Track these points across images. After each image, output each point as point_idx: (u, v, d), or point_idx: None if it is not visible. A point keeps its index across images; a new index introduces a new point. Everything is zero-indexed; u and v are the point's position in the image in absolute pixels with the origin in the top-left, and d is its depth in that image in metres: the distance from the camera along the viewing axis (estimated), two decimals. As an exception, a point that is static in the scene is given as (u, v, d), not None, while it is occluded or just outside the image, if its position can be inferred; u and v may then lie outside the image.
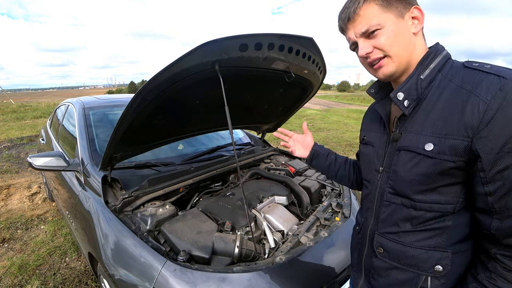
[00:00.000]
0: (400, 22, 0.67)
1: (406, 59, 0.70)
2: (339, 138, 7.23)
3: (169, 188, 1.57)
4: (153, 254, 1.11)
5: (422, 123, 0.67)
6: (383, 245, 0.78)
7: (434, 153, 0.63)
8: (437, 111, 0.65)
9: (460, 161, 0.61)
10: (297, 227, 1.47)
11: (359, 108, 17.62)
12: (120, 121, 1.19)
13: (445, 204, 0.66)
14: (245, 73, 1.30)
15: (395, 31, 0.67)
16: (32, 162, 1.67)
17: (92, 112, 2.15)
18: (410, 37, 0.69)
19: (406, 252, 0.73)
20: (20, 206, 3.34)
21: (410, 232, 0.72)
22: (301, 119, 11.04)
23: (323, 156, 1.11)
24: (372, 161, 0.82)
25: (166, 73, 1.04)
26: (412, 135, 0.69)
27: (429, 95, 0.68)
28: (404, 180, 0.70)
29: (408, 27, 0.68)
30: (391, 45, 0.68)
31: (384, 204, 0.77)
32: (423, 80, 0.68)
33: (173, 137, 1.72)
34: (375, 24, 0.68)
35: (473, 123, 0.58)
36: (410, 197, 0.70)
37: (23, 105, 17.21)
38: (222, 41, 1.00)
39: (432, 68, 0.68)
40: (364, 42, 0.71)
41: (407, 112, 0.70)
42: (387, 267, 0.77)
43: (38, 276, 2.13)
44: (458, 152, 0.60)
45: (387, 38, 0.68)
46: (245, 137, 2.71)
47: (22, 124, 10.06)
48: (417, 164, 0.67)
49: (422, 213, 0.69)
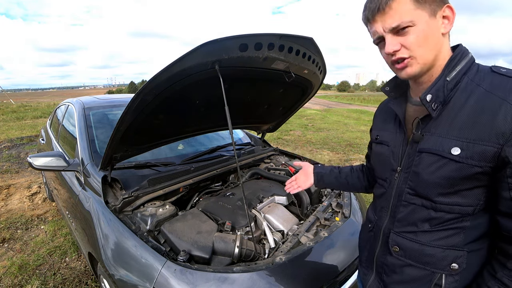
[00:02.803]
0: (432, 21, 0.64)
1: (432, 60, 0.67)
2: (339, 138, 7.23)
3: (169, 188, 1.57)
4: (153, 254, 1.11)
5: (448, 126, 0.66)
6: (399, 244, 0.78)
7: (462, 158, 0.63)
8: (464, 115, 0.64)
9: (487, 166, 0.61)
10: (297, 227, 1.46)
11: (359, 108, 17.62)
12: (120, 121, 1.19)
13: (466, 206, 0.67)
14: (245, 73, 1.30)
15: (426, 30, 0.64)
16: (32, 162, 1.67)
17: (92, 112, 2.15)
18: (439, 38, 0.66)
19: (423, 250, 0.73)
20: (20, 206, 3.34)
21: (428, 232, 0.72)
22: (301, 119, 11.04)
23: (326, 175, 1.13)
24: (388, 160, 0.81)
25: (166, 73, 1.04)
26: (436, 138, 0.68)
27: (455, 98, 0.66)
28: (426, 182, 0.70)
29: (439, 27, 0.65)
30: (420, 46, 0.65)
31: (402, 204, 0.77)
32: (449, 82, 0.67)
33: (173, 137, 1.72)
34: (407, 21, 0.64)
35: (506, 130, 0.58)
36: (432, 199, 0.70)
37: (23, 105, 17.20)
38: (222, 41, 1.00)
39: (458, 71, 0.67)
40: (392, 38, 0.67)
41: (435, 115, 0.68)
42: (402, 265, 0.78)
43: (38, 276, 2.13)
44: (487, 158, 0.61)
45: (416, 37, 0.64)
46: (245, 137, 2.71)
47: (22, 124, 10.06)
48: (441, 168, 0.66)
49: (442, 214, 0.69)
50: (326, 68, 1.65)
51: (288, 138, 7.36)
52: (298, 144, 6.61)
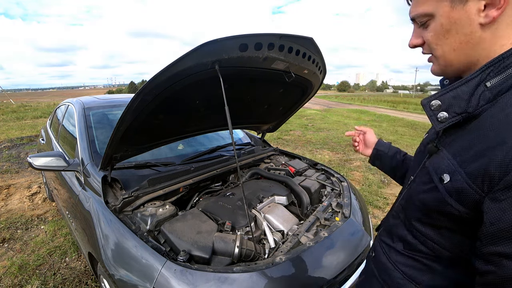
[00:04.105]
0: (456, 11, 0.50)
1: (460, 61, 0.53)
2: (339, 138, 7.23)
3: (169, 188, 1.57)
4: (153, 254, 1.11)
5: (459, 147, 0.52)
6: (375, 250, 0.76)
7: (443, 189, 0.51)
8: (479, 138, 0.49)
9: (465, 213, 0.49)
10: (297, 227, 1.46)
11: (359, 108, 17.62)
12: (120, 121, 1.19)
13: (441, 248, 0.56)
14: (245, 73, 1.30)
15: (446, 25, 0.51)
16: (32, 162, 1.67)
17: (92, 112, 2.15)
18: (473, 32, 0.50)
19: (387, 268, 0.69)
20: (20, 206, 3.33)
21: (400, 253, 0.66)
22: (301, 119, 11.04)
23: (387, 157, 0.99)
24: (414, 166, 0.72)
25: (166, 73, 1.04)
26: (442, 156, 0.55)
27: (487, 113, 0.49)
28: (411, 200, 0.63)
29: (472, 16, 0.49)
30: (437, 44, 0.54)
31: (392, 214, 0.74)
32: (488, 90, 0.49)
33: (173, 137, 1.72)
34: (422, 14, 0.53)
35: (495, 174, 0.43)
36: (410, 221, 0.63)
37: (23, 105, 17.20)
38: (222, 41, 1.00)
39: (509, 74, 0.48)
40: (416, 30, 0.57)
41: (438, 128, 0.55)
42: (371, 274, 0.76)
43: (38, 276, 2.13)
44: (464, 202, 0.48)
45: (434, 35, 0.53)
46: (245, 137, 2.71)
47: (22, 124, 10.06)
48: (426, 192, 0.57)
49: (416, 242, 0.62)
50: (326, 68, 1.65)
51: (288, 138, 7.36)
52: (298, 144, 6.61)
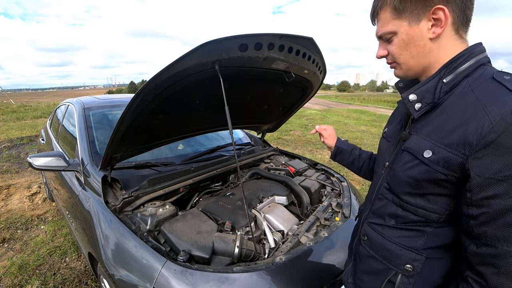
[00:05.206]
0: (412, 29, 0.65)
1: (417, 65, 0.69)
2: (339, 138, 7.23)
3: (169, 188, 1.57)
4: (153, 254, 1.11)
5: (431, 129, 0.66)
6: (367, 234, 0.82)
7: (430, 162, 0.63)
8: (448, 119, 0.62)
9: (452, 176, 0.60)
10: (297, 227, 1.46)
11: (359, 108, 17.61)
12: (120, 121, 1.19)
13: (431, 212, 0.66)
14: (245, 73, 1.30)
15: (406, 40, 0.67)
16: (32, 162, 1.67)
17: (92, 112, 2.15)
18: (425, 44, 0.66)
19: (384, 244, 0.76)
20: (20, 206, 3.33)
21: (393, 227, 0.75)
22: (301, 119, 11.03)
23: (346, 152, 1.15)
24: (383, 155, 0.84)
25: (166, 73, 1.04)
26: (418, 139, 0.68)
27: (448, 101, 0.65)
28: (398, 179, 0.72)
29: (424, 33, 0.64)
30: (400, 54, 0.69)
31: (378, 197, 0.80)
32: (445, 84, 0.65)
33: (173, 137, 1.72)
34: (387, 32, 0.69)
35: (473, 141, 0.56)
36: (400, 197, 0.72)
37: (23, 105, 17.19)
38: (222, 41, 1.00)
39: (458, 73, 0.64)
40: (382, 44, 0.73)
41: (416, 116, 0.69)
42: (367, 255, 0.82)
43: (38, 276, 2.13)
44: (451, 166, 0.59)
45: (397, 47, 0.69)
46: (245, 137, 2.71)
47: (22, 124, 10.06)
48: (412, 168, 0.67)
49: (407, 214, 0.70)
50: (326, 68, 1.65)
51: (288, 138, 7.36)
52: (298, 144, 6.60)
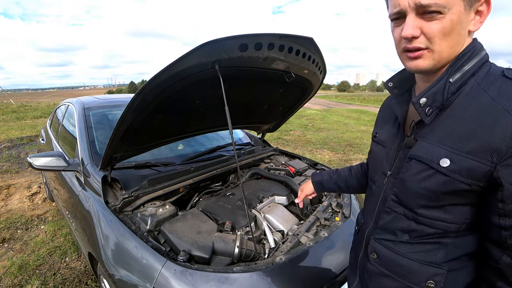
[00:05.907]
0: (465, 14, 0.55)
1: (448, 58, 0.58)
2: (339, 138, 7.23)
3: (169, 188, 1.57)
4: (153, 254, 1.11)
5: (443, 134, 0.59)
6: (376, 251, 0.74)
7: (449, 171, 0.56)
8: (462, 123, 0.56)
9: (477, 185, 0.54)
10: (297, 227, 1.46)
11: (359, 108, 17.62)
12: (120, 121, 1.19)
13: (449, 223, 0.61)
14: (245, 73, 1.30)
15: (455, 22, 0.54)
16: (32, 162, 1.67)
17: (92, 112, 2.15)
18: (464, 35, 0.57)
19: (399, 261, 0.69)
20: (20, 206, 3.33)
21: (407, 243, 0.68)
22: (301, 119, 11.04)
23: (326, 181, 1.11)
24: (381, 162, 0.76)
25: (166, 73, 1.04)
26: (428, 145, 0.61)
27: (456, 102, 0.58)
28: (410, 191, 0.64)
29: (469, 22, 0.56)
30: (441, 39, 0.55)
31: (385, 211, 0.72)
32: (452, 84, 0.58)
33: (173, 137, 1.72)
34: (442, 4, 0.53)
35: (502, 147, 0.50)
36: (414, 210, 0.64)
37: (23, 105, 17.19)
38: (222, 41, 1.00)
39: (465, 71, 0.58)
40: (415, 20, 0.56)
41: (428, 121, 0.61)
42: (378, 273, 0.74)
43: (38, 276, 2.13)
44: (476, 175, 0.54)
45: (442, 28, 0.54)
46: (245, 137, 2.71)
47: (22, 124, 10.05)
48: (427, 178, 0.60)
49: (423, 228, 0.64)
50: (326, 68, 1.65)
51: (288, 138, 7.36)
52: (298, 144, 6.61)
